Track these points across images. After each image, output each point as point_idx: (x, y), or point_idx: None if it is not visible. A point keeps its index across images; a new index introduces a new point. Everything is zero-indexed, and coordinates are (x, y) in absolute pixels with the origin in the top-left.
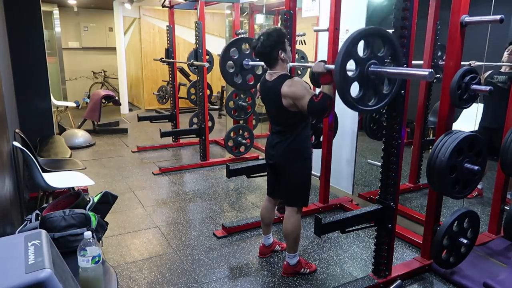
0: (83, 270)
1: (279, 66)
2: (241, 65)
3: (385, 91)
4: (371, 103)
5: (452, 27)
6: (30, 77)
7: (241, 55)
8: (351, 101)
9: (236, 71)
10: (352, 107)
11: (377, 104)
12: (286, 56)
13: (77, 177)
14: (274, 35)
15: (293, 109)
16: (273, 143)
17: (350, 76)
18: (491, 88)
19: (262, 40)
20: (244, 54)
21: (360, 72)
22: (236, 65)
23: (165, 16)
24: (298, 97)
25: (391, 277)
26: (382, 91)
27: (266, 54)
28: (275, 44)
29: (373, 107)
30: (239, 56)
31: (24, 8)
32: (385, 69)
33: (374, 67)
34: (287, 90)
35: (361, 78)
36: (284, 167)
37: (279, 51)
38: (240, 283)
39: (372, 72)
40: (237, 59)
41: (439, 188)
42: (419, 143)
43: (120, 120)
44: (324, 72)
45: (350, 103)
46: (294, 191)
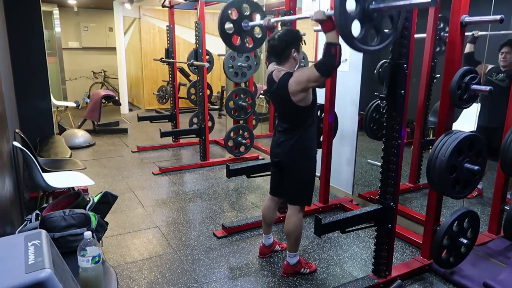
0: (83, 270)
1: (288, 64)
2: (240, 26)
3: (388, 30)
4: (374, 43)
5: (452, 27)
6: (30, 77)
7: (240, 16)
8: (354, 42)
9: (234, 32)
10: (355, 47)
11: (380, 43)
12: (297, 57)
13: (77, 177)
14: (293, 33)
15: (303, 103)
16: (279, 141)
17: (351, 15)
18: (491, 88)
19: (280, 34)
20: (243, 15)
21: (361, 9)
22: (235, 27)
23: (165, 16)
24: (303, 75)
25: (391, 277)
26: (384, 29)
27: (280, 49)
28: (292, 41)
29: (376, 47)
30: (238, 17)
31: (24, 8)
32: (386, 4)
33: (375, 4)
34: (292, 80)
35: (362, 16)
36: (289, 165)
37: (292, 49)
38: (240, 283)
39: (373, 9)
40: (236, 20)
41: (439, 188)
42: (419, 143)
43: (120, 120)
44: (325, 19)
45: (352, 44)
46: (298, 190)
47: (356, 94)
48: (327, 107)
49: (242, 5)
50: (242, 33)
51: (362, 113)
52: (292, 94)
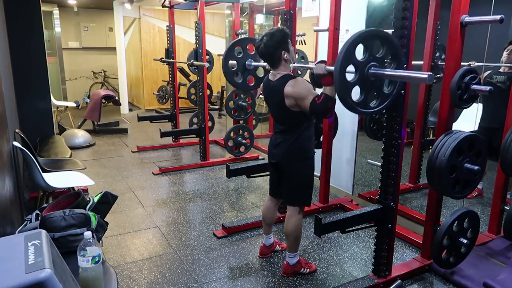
0: (83, 270)
1: (282, 67)
2: (243, 65)
3: (387, 91)
4: (373, 105)
5: (452, 27)
6: (30, 77)
7: (244, 55)
8: (353, 106)
9: (237, 71)
10: (354, 111)
11: (380, 105)
12: (289, 56)
13: (77, 177)
14: (277, 35)
15: (296, 109)
16: (276, 142)
17: (350, 81)
18: (491, 88)
19: (265, 41)
20: (247, 54)
21: (360, 75)
22: (239, 65)
23: (165, 16)
24: (301, 98)
25: (391, 277)
26: (384, 91)
27: (269, 55)
28: (278, 44)
29: (376, 109)
30: (242, 55)
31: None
32: (385, 71)
33: (374, 69)
34: (290, 90)
35: (362, 81)
36: (287, 166)
37: (282, 52)
38: (240, 283)
39: (372, 75)
40: (240, 58)
41: (439, 188)
42: (419, 143)
43: (120, 120)
44: (325, 74)
45: (352, 108)
46: (297, 191)
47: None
48: None
49: (247, 44)
50: (245, 72)
51: None
52: (286, 97)
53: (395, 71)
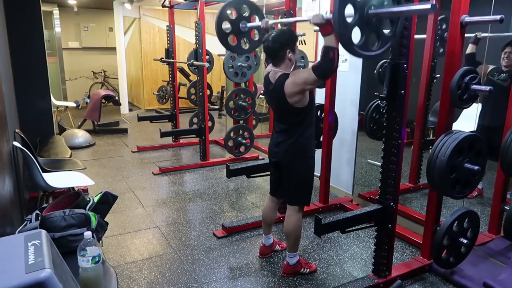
0: (83, 270)
1: (284, 65)
2: (237, 27)
3: (388, 33)
4: (375, 48)
5: (452, 27)
6: (30, 77)
7: (238, 17)
8: (355, 49)
9: (231, 33)
10: (356, 54)
11: (381, 47)
12: (293, 57)
13: (77, 177)
14: (287, 34)
15: (299, 102)
16: (277, 142)
17: (350, 22)
18: (491, 88)
19: (274, 35)
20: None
21: (359, 16)
22: (233, 27)
23: (165, 16)
24: (301, 77)
25: (391, 277)
26: (385, 33)
27: (275, 50)
28: (286, 42)
29: (378, 51)
30: (236, 17)
31: (24, 8)
32: (385, 9)
33: (374, 9)
34: (290, 81)
35: (361, 22)
36: (288, 166)
37: (287, 50)
38: (240, 283)
39: (372, 15)
40: (234, 20)
41: (439, 188)
42: (419, 143)
43: (120, 120)
44: (324, 23)
45: (353, 51)
46: (297, 190)
47: (356, 94)
48: (327, 107)
49: (241, 5)
50: (239, 34)
51: (362, 113)
52: (288, 95)
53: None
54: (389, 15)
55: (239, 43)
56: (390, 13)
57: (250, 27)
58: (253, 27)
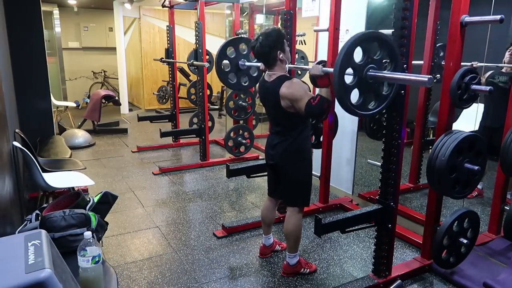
0: (83, 270)
1: (277, 67)
2: (236, 65)
3: (385, 92)
4: (372, 107)
5: (452, 27)
6: (30, 77)
7: (238, 55)
8: (352, 108)
9: (231, 71)
10: (353, 113)
11: (378, 106)
12: (285, 56)
13: (77, 177)
14: (273, 35)
15: (291, 110)
16: (273, 144)
17: (349, 84)
18: (491, 88)
19: (261, 41)
20: (240, 54)
21: (358, 78)
22: (232, 65)
23: (165, 16)
24: (296, 99)
25: (391, 277)
26: (382, 92)
27: (265, 55)
28: (274, 44)
29: (374, 110)
30: (235, 56)
31: (24, 8)
32: (383, 74)
33: (372, 72)
34: (286, 91)
35: (360, 83)
36: (284, 167)
37: (277, 52)
38: (240, 283)
39: (370, 77)
40: (233, 58)
41: (439, 188)
42: (419, 143)
43: (120, 120)
44: (322, 75)
45: (351, 110)
46: (295, 191)
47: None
48: None
49: (239, 44)
50: (238, 72)
51: None
52: (282, 99)
53: (394, 74)
54: (387, 80)
55: (238, 80)
56: (387, 79)
57: (249, 66)
58: (251, 66)
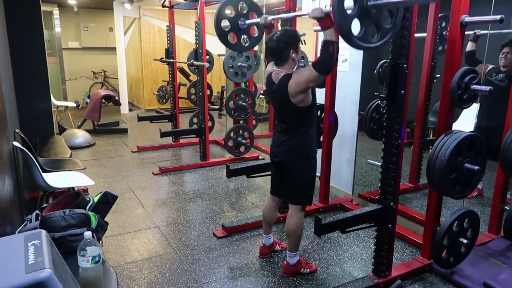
0: (83, 270)
1: (287, 65)
2: (236, 24)
3: (387, 25)
4: (375, 39)
5: (452, 27)
6: (30, 77)
7: (237, 14)
8: (355, 40)
9: (231, 30)
10: (356, 46)
11: (381, 39)
12: (296, 57)
13: (77, 177)
14: (290, 33)
15: (301, 101)
16: (279, 142)
17: (350, 14)
18: (491, 88)
19: (278, 35)
20: (240, 13)
21: (359, 7)
22: (232, 24)
23: (165, 16)
24: (302, 76)
25: (391, 277)
26: (384, 25)
27: (279, 49)
28: (290, 42)
29: (377, 43)
30: (235, 15)
31: (24, 8)
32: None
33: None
34: (293, 81)
35: (361, 14)
36: (290, 165)
37: (291, 50)
38: (240, 283)
39: (371, 6)
40: (232, 18)
41: (439, 188)
42: (419, 143)
43: (120, 120)
44: (323, 17)
45: (353, 42)
46: (299, 189)
47: (356, 94)
48: (327, 107)
49: (239, 3)
50: (239, 31)
51: (362, 113)
52: (292, 95)
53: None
54: (389, 5)
55: (239, 41)
56: (389, 3)
57: (249, 24)
58: (252, 24)
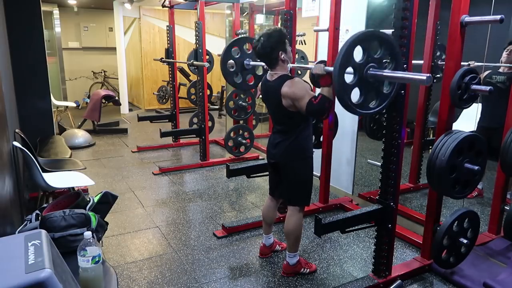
0: (83, 270)
1: (279, 67)
2: (242, 64)
3: (386, 90)
4: (373, 105)
5: (452, 27)
6: (30, 77)
7: (242, 55)
8: (353, 107)
9: (236, 71)
10: (353, 112)
11: (379, 105)
12: (286, 56)
13: (77, 177)
14: (275, 36)
15: (293, 109)
16: (275, 143)
17: (349, 83)
18: (491, 88)
19: (263, 41)
20: (245, 54)
21: (359, 77)
22: (237, 65)
23: (165, 16)
24: (298, 98)
25: (391, 277)
26: (383, 91)
27: (267, 55)
28: (276, 45)
29: (375, 109)
30: (240, 55)
31: (24, 8)
32: (383, 73)
33: (372, 71)
34: (287, 90)
35: (360, 83)
36: (286, 166)
37: (279, 52)
38: (240, 283)
39: (370, 76)
40: (238, 58)
41: (439, 188)
42: (419, 143)
43: (120, 120)
44: (324, 74)
45: (351, 109)
46: (296, 190)
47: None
48: None
49: (244, 44)
50: (244, 72)
51: None
52: (283, 98)
53: (394, 73)
54: (387, 79)
55: (244, 80)
56: (387, 78)
57: (254, 66)
58: (256, 66)
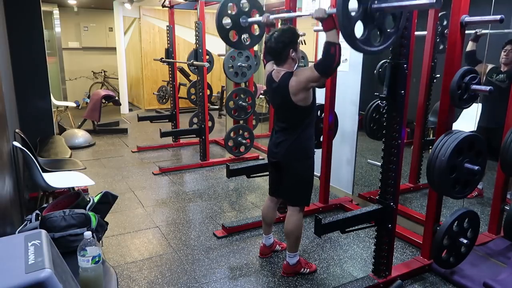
0: (83, 270)
1: (287, 65)
2: (237, 22)
3: (390, 29)
4: (377, 43)
5: (452, 27)
6: (30, 77)
7: (239, 12)
8: (357, 43)
9: (232, 28)
10: (358, 48)
11: (384, 43)
12: (296, 56)
13: (77, 177)
14: (289, 33)
15: (302, 100)
16: (277, 142)
17: (353, 16)
18: (491, 88)
19: (276, 35)
20: (242, 11)
21: (363, 10)
22: (233, 22)
23: (165, 16)
24: (304, 75)
25: (391, 277)
26: (387, 29)
27: (278, 50)
28: (289, 41)
29: (380, 47)
30: (236, 12)
31: (24, 8)
32: (389, 4)
33: (377, 3)
34: (294, 79)
35: (365, 16)
36: (288, 166)
37: (290, 49)
38: (240, 283)
39: (375, 9)
40: (234, 15)
41: (439, 188)
42: (419, 143)
43: (120, 120)
44: (326, 17)
45: (355, 45)
46: (297, 190)
47: (356, 94)
48: (327, 107)
49: (241, 1)
50: (240, 29)
51: (362, 113)
52: (292, 94)
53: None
54: (392, 9)
55: (240, 39)
56: (393, 8)
57: (251, 22)
58: (253, 22)
